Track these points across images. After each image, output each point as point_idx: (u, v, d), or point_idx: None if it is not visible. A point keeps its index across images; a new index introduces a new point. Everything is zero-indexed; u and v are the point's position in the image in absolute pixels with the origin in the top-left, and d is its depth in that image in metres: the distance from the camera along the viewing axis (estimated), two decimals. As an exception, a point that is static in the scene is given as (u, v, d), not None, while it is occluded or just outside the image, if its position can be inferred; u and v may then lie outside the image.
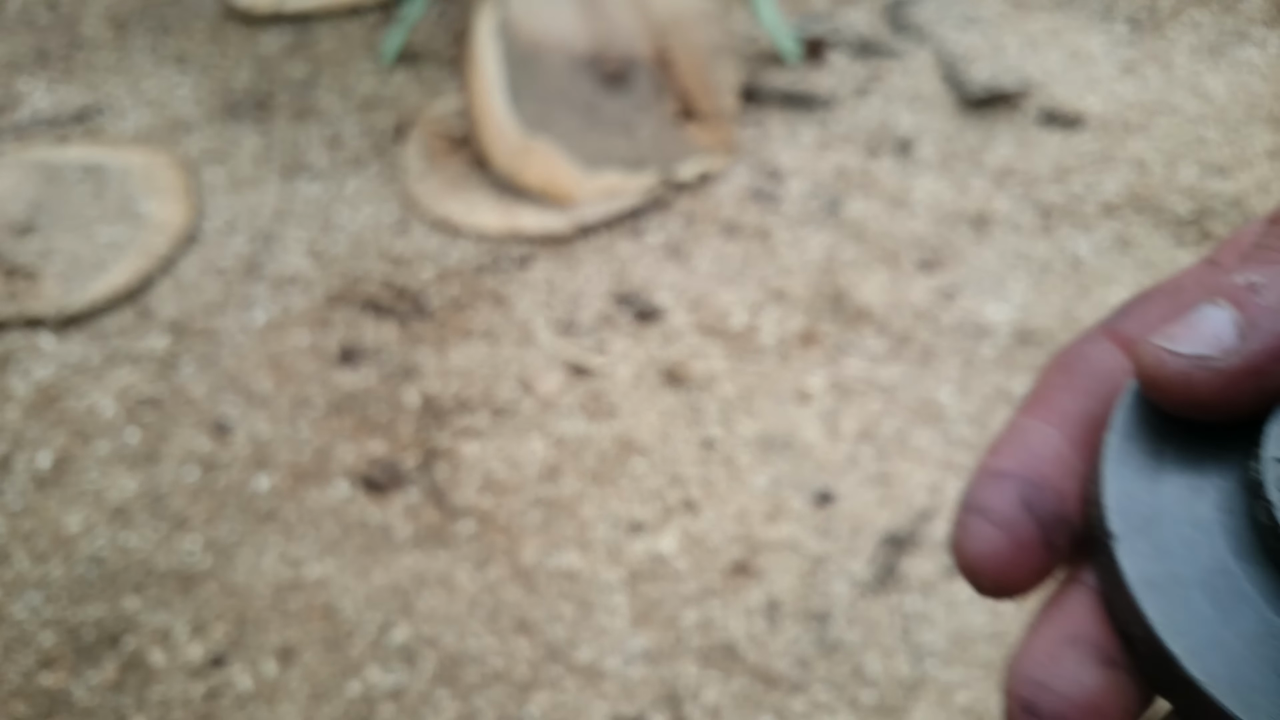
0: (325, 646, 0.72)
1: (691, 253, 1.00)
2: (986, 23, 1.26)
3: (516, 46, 1.06)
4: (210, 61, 1.24)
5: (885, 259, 1.00)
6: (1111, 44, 1.25)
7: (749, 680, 0.70)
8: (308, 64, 1.23)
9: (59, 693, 0.71)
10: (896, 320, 0.94)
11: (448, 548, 0.77)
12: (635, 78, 1.07)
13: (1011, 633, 0.73)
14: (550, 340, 0.92)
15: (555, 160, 1.04)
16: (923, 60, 1.21)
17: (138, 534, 0.79)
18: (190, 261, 1.01)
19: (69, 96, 1.20)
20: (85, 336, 0.93)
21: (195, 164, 1.11)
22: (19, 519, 0.80)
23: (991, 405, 0.87)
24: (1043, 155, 1.11)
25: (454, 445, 0.83)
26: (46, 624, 0.74)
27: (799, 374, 0.89)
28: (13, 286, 0.96)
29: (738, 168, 1.09)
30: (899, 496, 0.80)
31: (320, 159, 1.11)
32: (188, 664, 0.72)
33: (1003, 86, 1.15)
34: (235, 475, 0.82)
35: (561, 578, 0.75)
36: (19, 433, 0.86)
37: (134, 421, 0.86)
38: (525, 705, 0.69)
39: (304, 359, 0.91)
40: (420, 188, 1.07)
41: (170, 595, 0.75)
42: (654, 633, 0.72)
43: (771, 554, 0.76)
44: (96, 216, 1.03)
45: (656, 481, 0.81)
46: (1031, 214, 1.05)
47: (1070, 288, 0.97)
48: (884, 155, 1.10)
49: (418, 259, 1.00)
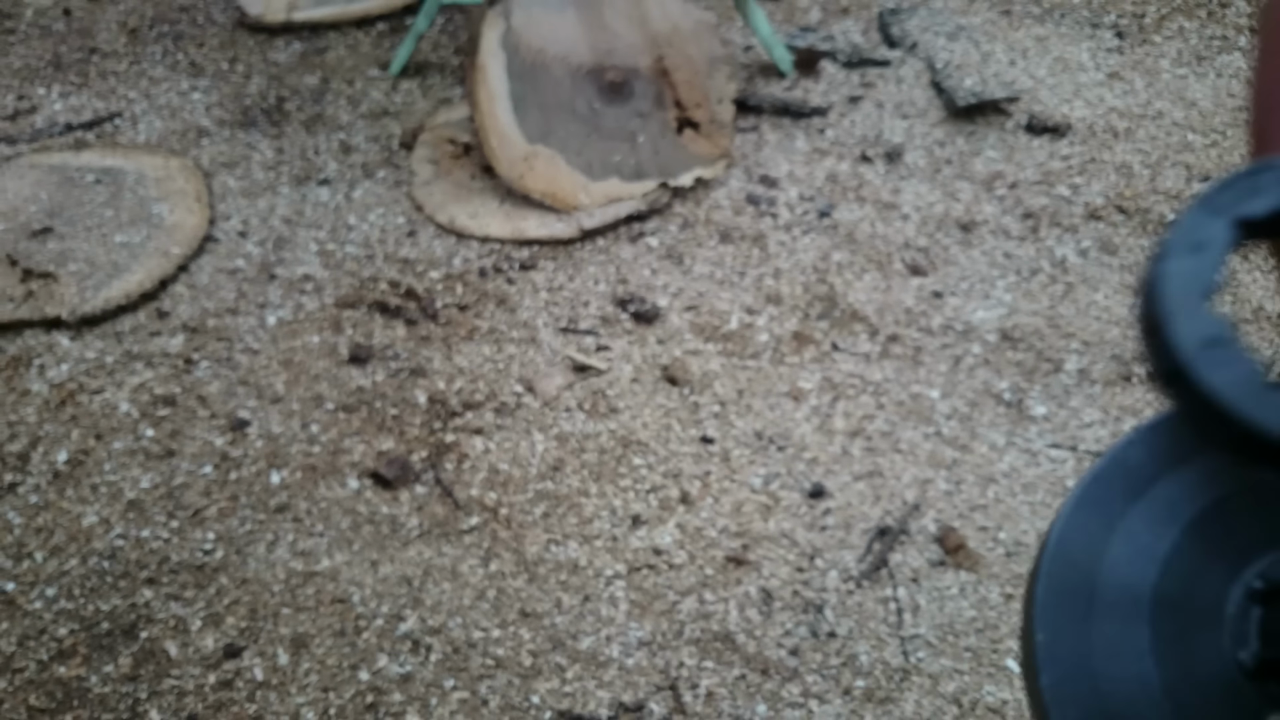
0: (336, 636, 0.74)
1: (689, 256, 1.03)
2: (975, 32, 1.29)
3: (520, 58, 1.08)
4: (223, 70, 1.27)
5: (876, 262, 1.02)
6: (1098, 52, 1.28)
7: (745, 669, 0.72)
8: (318, 73, 1.25)
9: (74, 683, 0.71)
10: (887, 321, 0.96)
11: (454, 541, 0.79)
12: (635, 88, 1.10)
13: (998, 624, 0.75)
14: (553, 341, 0.95)
15: (558, 167, 1.07)
16: (912, 69, 1.24)
17: (152, 528, 0.80)
18: (205, 264, 1.03)
19: (84, 103, 1.23)
20: (101, 337, 0.96)
21: (209, 170, 1.13)
22: (36, 514, 0.81)
23: (978, 403, 0.89)
24: (1029, 161, 1.14)
25: (460, 442, 0.85)
26: (62, 616, 0.75)
27: (793, 373, 0.91)
28: (30, 288, 0.98)
29: (734, 175, 1.12)
30: (890, 491, 0.82)
31: (331, 166, 1.14)
32: (201, 654, 0.73)
33: (991, 95, 1.18)
34: (249, 471, 0.84)
35: (564, 569, 0.77)
36: (36, 430, 0.87)
37: (149, 419, 0.88)
38: (529, 693, 0.71)
39: (315, 359, 0.94)
40: (427, 194, 1.10)
41: (185, 587, 0.76)
42: (653, 623, 0.74)
43: (766, 547, 0.78)
44: (112, 220, 1.05)
45: (655, 477, 0.83)
46: (1018, 219, 1.07)
47: (1056, 290, 1.00)
48: (875, 162, 1.13)
49: (425, 262, 1.03)
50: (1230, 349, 0.10)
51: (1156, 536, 0.12)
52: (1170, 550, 0.12)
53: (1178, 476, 0.12)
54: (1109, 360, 0.92)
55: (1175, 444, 0.12)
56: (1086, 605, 0.12)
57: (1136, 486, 0.12)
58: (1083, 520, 0.12)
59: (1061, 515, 0.12)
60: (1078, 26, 1.34)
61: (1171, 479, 0.12)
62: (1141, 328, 0.11)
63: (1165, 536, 0.12)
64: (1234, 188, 0.11)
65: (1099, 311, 0.98)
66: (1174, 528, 0.12)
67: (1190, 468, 0.12)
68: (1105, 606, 0.12)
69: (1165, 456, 0.12)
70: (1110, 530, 0.12)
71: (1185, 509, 0.12)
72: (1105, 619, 0.11)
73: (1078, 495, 0.12)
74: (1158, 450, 0.12)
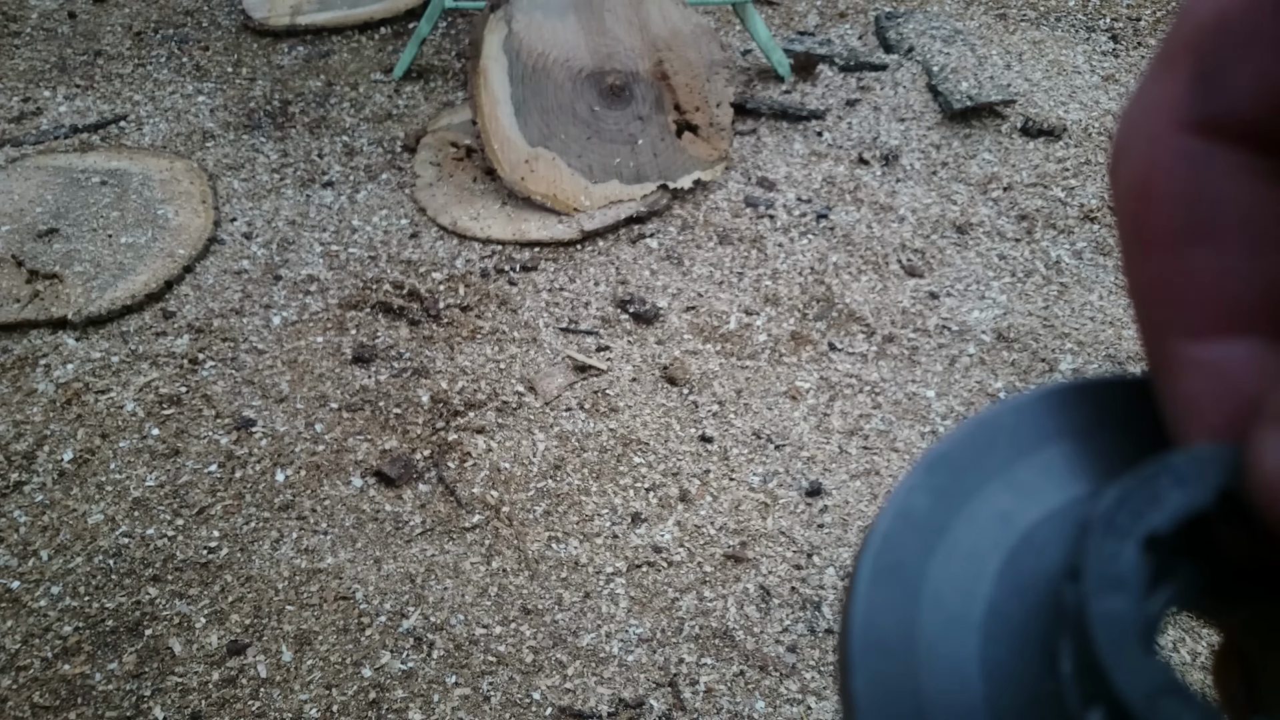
0: (339, 633, 0.74)
1: (688, 258, 1.04)
2: (971, 36, 1.30)
3: (522, 62, 1.09)
4: (228, 73, 1.28)
5: (873, 264, 1.03)
6: (1093, 55, 1.30)
7: (744, 665, 0.72)
8: (322, 77, 1.26)
9: (78, 681, 0.72)
10: (883, 322, 0.97)
11: (456, 539, 0.80)
12: (635, 92, 1.11)
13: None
14: (554, 341, 0.96)
15: (559, 170, 1.08)
16: (909, 73, 1.25)
17: (158, 526, 0.81)
18: (210, 266, 1.04)
19: (90, 106, 1.24)
20: (107, 337, 0.96)
21: (214, 172, 1.14)
22: (42, 512, 0.82)
23: (974, 403, 0.90)
24: (1025, 164, 1.15)
25: (462, 441, 0.86)
26: (67, 614, 0.75)
27: (791, 373, 0.92)
28: (36, 288, 0.99)
29: (732, 177, 1.13)
30: (886, 490, 0.83)
31: (334, 168, 1.15)
32: (205, 652, 0.73)
33: (986, 98, 1.19)
34: (253, 469, 0.85)
35: (564, 567, 0.77)
36: (42, 429, 0.88)
37: (155, 418, 0.89)
38: (530, 689, 0.71)
39: (319, 359, 0.94)
40: (430, 196, 1.11)
41: (189, 585, 0.77)
42: (653, 620, 0.74)
43: (765, 545, 0.79)
44: (118, 221, 1.06)
45: (655, 476, 0.84)
46: (1013, 220, 1.08)
47: (1050, 291, 1.01)
48: (872, 164, 1.14)
49: (428, 264, 1.04)
50: (1180, 696, 0.09)
51: (966, 598, 0.11)
52: (985, 611, 0.11)
53: (969, 516, 0.11)
54: (1103, 360, 0.93)
55: (954, 481, 0.11)
56: (915, 702, 0.10)
57: (930, 540, 0.11)
58: (883, 595, 0.11)
59: (859, 592, 0.11)
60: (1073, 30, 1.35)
61: (964, 521, 0.11)
62: (1080, 678, 0.09)
63: (975, 595, 0.11)
64: (1132, 499, 0.10)
65: (1093, 312, 0.99)
66: (982, 583, 0.11)
67: (980, 503, 0.11)
68: (934, 698, 0.10)
69: (950, 496, 0.11)
70: (914, 601, 0.11)
71: (989, 556, 0.11)
72: (938, 713, 0.10)
73: (871, 565, 0.11)
74: (941, 492, 0.11)
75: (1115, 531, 0.10)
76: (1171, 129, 0.10)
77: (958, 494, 0.11)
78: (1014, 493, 0.11)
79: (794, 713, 0.70)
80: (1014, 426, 0.12)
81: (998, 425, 0.12)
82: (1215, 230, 0.10)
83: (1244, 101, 0.10)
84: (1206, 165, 0.10)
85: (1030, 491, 0.11)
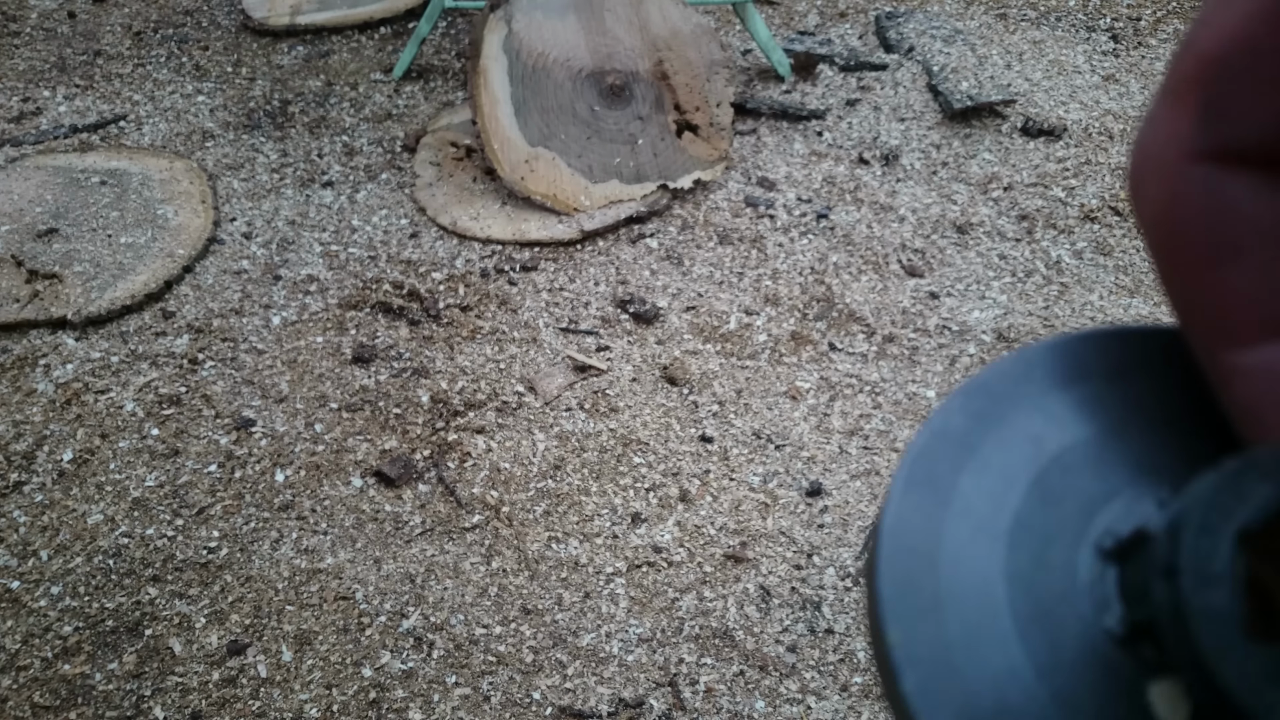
0: (339, 633, 0.74)
1: (689, 258, 1.04)
2: (971, 36, 1.30)
3: (522, 62, 1.09)
4: (227, 73, 1.28)
5: (873, 264, 1.03)
6: (1093, 55, 1.30)
7: (743, 665, 0.72)
8: (322, 77, 1.26)
9: (78, 681, 0.72)
10: (883, 322, 0.97)
11: (456, 539, 0.80)
12: (635, 92, 1.11)
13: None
14: (554, 341, 0.96)
15: (559, 170, 1.08)
16: (909, 73, 1.25)
17: (157, 526, 0.81)
18: (209, 266, 1.04)
19: (89, 105, 1.24)
20: (107, 337, 0.96)
21: (214, 172, 1.14)
22: (41, 512, 0.82)
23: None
24: (1025, 164, 1.15)
25: (462, 441, 0.86)
26: (67, 614, 0.75)
27: (790, 373, 0.92)
28: (36, 288, 0.99)
29: (732, 177, 1.13)
30: (886, 490, 0.83)
31: (334, 168, 1.15)
32: (205, 652, 0.73)
33: (987, 98, 1.19)
34: (253, 470, 0.85)
35: (564, 567, 0.77)
36: (42, 429, 0.88)
37: (154, 418, 0.89)
38: (530, 689, 0.71)
39: (319, 359, 0.94)
40: (430, 196, 1.11)
41: (189, 585, 0.77)
42: (653, 619, 0.74)
43: (764, 545, 0.79)
44: (118, 221, 1.06)
45: (655, 476, 0.84)
46: (1013, 220, 1.08)
47: (1050, 291, 1.01)
48: (872, 164, 1.14)
49: (428, 264, 1.04)
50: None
51: (995, 508, 0.11)
52: (1011, 521, 0.11)
53: (1001, 438, 0.11)
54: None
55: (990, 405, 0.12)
56: (935, 595, 0.11)
57: (963, 456, 0.11)
58: (914, 501, 0.11)
59: (891, 499, 0.11)
60: (1073, 30, 1.35)
61: (996, 442, 0.11)
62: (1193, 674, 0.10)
63: (1003, 506, 0.11)
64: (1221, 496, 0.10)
65: (1093, 312, 0.99)
66: (1011, 495, 0.11)
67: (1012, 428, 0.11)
68: (956, 594, 0.11)
69: (986, 419, 0.12)
70: (945, 507, 0.11)
71: (1019, 473, 0.11)
72: (959, 608, 0.11)
73: (905, 476, 0.11)
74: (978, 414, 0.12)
75: (1208, 529, 0.10)
76: (1185, 161, 0.11)
77: (992, 417, 0.12)
78: (1046, 419, 0.12)
79: (794, 712, 0.70)
80: (1050, 363, 0.12)
81: (1034, 360, 0.12)
82: (1243, 247, 0.11)
83: (1251, 130, 0.10)
84: (1224, 190, 0.11)
85: (1062, 421, 0.12)
